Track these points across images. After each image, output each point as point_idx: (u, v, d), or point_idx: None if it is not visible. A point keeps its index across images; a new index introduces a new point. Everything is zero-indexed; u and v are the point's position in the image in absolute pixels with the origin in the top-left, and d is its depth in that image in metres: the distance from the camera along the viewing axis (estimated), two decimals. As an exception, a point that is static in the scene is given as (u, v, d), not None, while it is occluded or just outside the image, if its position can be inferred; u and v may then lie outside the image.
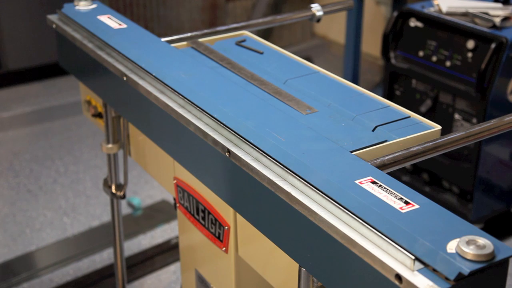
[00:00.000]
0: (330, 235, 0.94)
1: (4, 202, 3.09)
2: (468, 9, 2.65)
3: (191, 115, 1.25)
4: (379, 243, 0.88)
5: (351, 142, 1.16)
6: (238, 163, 1.12)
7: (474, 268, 0.81)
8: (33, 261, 2.73)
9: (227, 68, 1.50)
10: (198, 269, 1.54)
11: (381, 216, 0.90)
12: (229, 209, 1.30)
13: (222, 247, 1.37)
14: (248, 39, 1.67)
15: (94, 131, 3.69)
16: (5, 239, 2.83)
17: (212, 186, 1.25)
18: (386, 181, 0.99)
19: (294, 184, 1.02)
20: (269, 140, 1.10)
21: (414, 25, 2.79)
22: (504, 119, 1.26)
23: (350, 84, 1.41)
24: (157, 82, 1.36)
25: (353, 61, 3.57)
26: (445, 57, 2.68)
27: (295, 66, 1.51)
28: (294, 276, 1.12)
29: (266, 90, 1.38)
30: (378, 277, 0.87)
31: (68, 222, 2.91)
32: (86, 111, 1.92)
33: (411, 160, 1.13)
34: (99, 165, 3.39)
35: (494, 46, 2.46)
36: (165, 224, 2.94)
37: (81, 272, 2.65)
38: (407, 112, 1.29)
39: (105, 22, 1.64)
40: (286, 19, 1.81)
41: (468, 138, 1.21)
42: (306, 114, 1.27)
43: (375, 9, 4.34)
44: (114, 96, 1.60)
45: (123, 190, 1.89)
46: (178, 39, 1.64)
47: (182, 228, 1.57)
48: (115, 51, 1.51)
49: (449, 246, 0.84)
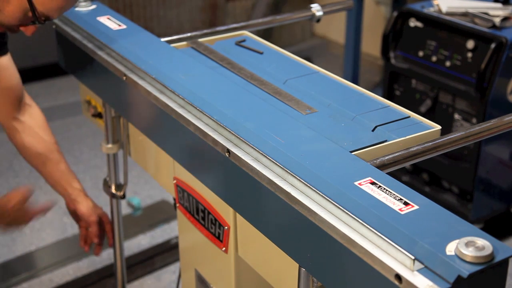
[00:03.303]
0: (330, 235, 0.94)
1: (4, 202, 3.08)
2: (468, 9, 2.65)
3: (191, 115, 1.25)
4: (379, 243, 0.88)
5: (351, 142, 1.16)
6: (238, 163, 1.12)
7: (473, 270, 0.81)
8: (32, 261, 2.73)
9: (227, 68, 1.50)
10: (198, 269, 1.54)
11: (381, 219, 0.90)
12: (229, 209, 1.30)
13: (222, 247, 1.37)
14: (248, 39, 1.67)
15: (94, 131, 3.69)
16: (5, 239, 2.83)
17: (212, 186, 1.25)
18: (385, 182, 0.99)
19: (294, 184, 1.02)
20: (268, 142, 1.10)
21: (414, 25, 2.79)
22: (504, 119, 1.26)
23: (350, 84, 1.41)
24: (157, 82, 1.37)
25: (353, 61, 3.57)
26: (445, 57, 2.68)
27: (295, 66, 1.51)
28: (294, 276, 1.12)
29: (266, 90, 1.38)
30: (378, 277, 0.87)
31: (68, 222, 2.91)
32: (86, 111, 1.92)
33: (411, 160, 1.13)
34: (99, 165, 3.39)
35: (494, 46, 2.46)
36: (165, 224, 2.94)
37: (81, 272, 2.64)
38: (407, 112, 1.29)
39: (105, 24, 1.64)
40: (286, 19, 1.81)
41: (468, 138, 1.21)
42: (306, 114, 1.27)
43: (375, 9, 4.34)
44: (114, 96, 1.60)
45: (123, 190, 1.89)
46: (178, 39, 1.64)
47: (182, 228, 1.57)
48: (115, 52, 1.51)
49: (448, 248, 0.84)
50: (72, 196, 1.79)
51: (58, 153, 1.79)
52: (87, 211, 1.78)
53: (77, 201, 1.78)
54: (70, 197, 1.79)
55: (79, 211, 1.79)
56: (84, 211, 1.78)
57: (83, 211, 1.78)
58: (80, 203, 1.78)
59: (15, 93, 1.71)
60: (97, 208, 1.82)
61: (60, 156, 1.79)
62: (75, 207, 1.79)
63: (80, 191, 1.79)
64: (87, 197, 1.80)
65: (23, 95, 1.75)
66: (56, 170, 1.78)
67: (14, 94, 1.71)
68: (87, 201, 1.79)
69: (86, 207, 1.78)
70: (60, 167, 1.78)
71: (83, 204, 1.78)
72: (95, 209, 1.81)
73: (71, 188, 1.79)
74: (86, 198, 1.80)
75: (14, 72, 1.69)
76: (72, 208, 1.80)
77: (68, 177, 1.79)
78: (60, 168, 1.78)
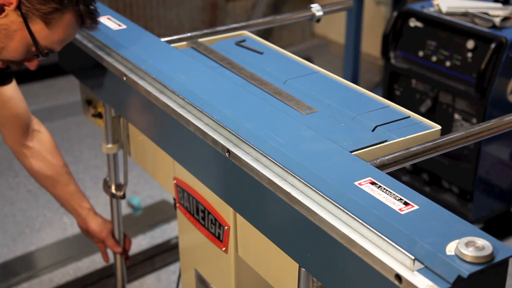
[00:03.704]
0: (330, 235, 0.94)
1: (4, 202, 3.09)
2: (468, 9, 2.65)
3: (191, 115, 1.25)
4: (379, 243, 0.88)
5: (351, 142, 1.16)
6: (238, 163, 1.12)
7: (473, 270, 0.81)
8: (32, 261, 2.73)
9: (227, 68, 1.50)
10: (198, 269, 1.54)
11: (381, 219, 0.90)
12: (229, 209, 1.30)
13: (222, 247, 1.37)
14: (248, 39, 1.67)
15: (94, 131, 3.69)
16: (5, 239, 2.83)
17: (212, 186, 1.25)
18: (385, 182, 0.99)
19: (294, 184, 1.02)
20: (268, 142, 1.10)
21: (414, 25, 2.79)
22: (504, 119, 1.26)
23: (350, 84, 1.41)
24: (157, 82, 1.36)
25: (353, 61, 3.57)
26: (445, 57, 2.68)
27: (295, 66, 1.51)
28: (294, 276, 1.12)
29: (266, 90, 1.38)
30: (378, 277, 0.87)
31: (68, 222, 2.92)
32: (86, 111, 1.92)
33: (411, 160, 1.13)
34: (99, 165, 3.39)
35: (494, 46, 2.46)
36: (165, 224, 2.94)
37: (81, 272, 2.65)
38: (407, 112, 1.29)
39: (105, 24, 1.64)
40: (286, 19, 1.81)
41: (468, 138, 1.21)
42: (306, 114, 1.27)
43: (375, 9, 4.34)
44: (114, 96, 1.60)
45: (123, 190, 1.89)
46: (178, 39, 1.64)
47: (182, 228, 1.57)
48: (115, 52, 1.51)
49: (448, 248, 0.84)
50: (82, 215, 1.88)
51: (67, 175, 1.86)
52: (97, 228, 1.88)
53: (88, 220, 1.88)
54: (80, 216, 1.89)
55: (90, 229, 1.89)
56: (94, 228, 1.88)
57: (94, 229, 1.88)
58: (90, 222, 1.88)
59: (22, 121, 1.77)
60: (107, 223, 1.91)
61: (69, 178, 1.86)
62: (87, 226, 1.89)
63: (89, 210, 1.88)
64: (96, 215, 1.90)
65: (30, 121, 1.80)
66: (66, 192, 1.86)
67: (22, 122, 1.77)
68: (97, 219, 1.89)
69: (96, 225, 1.88)
70: (69, 188, 1.86)
71: (93, 222, 1.88)
72: (105, 224, 1.90)
73: (81, 208, 1.87)
74: (95, 216, 1.89)
75: (20, 100, 1.74)
76: (84, 227, 1.91)
77: (77, 198, 1.88)
78: (70, 189, 1.87)
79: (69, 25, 1.35)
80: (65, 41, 1.40)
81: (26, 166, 1.83)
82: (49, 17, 1.31)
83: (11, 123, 1.75)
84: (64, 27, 1.35)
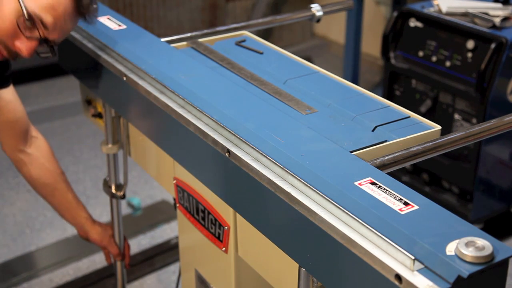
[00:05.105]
0: (330, 235, 0.94)
1: (4, 202, 3.09)
2: (468, 9, 2.65)
3: (191, 115, 1.25)
4: (379, 243, 0.88)
5: (351, 142, 1.16)
6: (238, 163, 1.12)
7: (473, 270, 0.81)
8: (33, 261, 2.73)
9: (227, 68, 1.50)
10: (198, 269, 1.54)
11: (381, 219, 0.90)
12: (229, 209, 1.30)
13: (222, 247, 1.37)
14: (248, 39, 1.67)
15: (94, 131, 3.69)
16: (5, 239, 2.83)
17: (212, 186, 1.25)
18: (385, 182, 0.99)
19: (294, 184, 1.02)
20: (268, 142, 1.10)
21: (414, 25, 2.79)
22: (504, 119, 1.26)
23: (350, 84, 1.41)
24: (157, 82, 1.36)
25: (353, 61, 3.57)
26: (445, 57, 2.68)
27: (295, 66, 1.51)
28: (294, 276, 1.12)
29: (266, 90, 1.38)
30: (378, 277, 0.87)
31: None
32: (86, 111, 1.92)
33: (411, 160, 1.13)
34: (99, 165, 3.39)
35: (494, 46, 2.46)
36: (165, 224, 2.94)
37: (81, 272, 2.64)
38: (407, 112, 1.29)
39: (105, 24, 1.64)
40: (286, 19, 1.81)
41: (468, 138, 1.21)
42: (306, 114, 1.27)
43: (375, 9, 4.34)
44: (114, 96, 1.60)
45: (123, 190, 1.89)
46: (178, 39, 1.64)
47: (182, 228, 1.57)
48: (115, 52, 1.51)
49: (448, 248, 0.84)
50: (80, 225, 1.87)
51: (64, 183, 1.84)
52: (98, 237, 1.88)
53: (87, 230, 1.87)
54: (79, 225, 1.88)
55: (90, 238, 1.89)
56: (95, 238, 1.88)
57: (94, 238, 1.88)
58: (90, 232, 1.87)
59: (20, 127, 1.73)
60: (106, 229, 1.90)
61: (67, 186, 1.85)
62: (87, 236, 1.88)
63: (87, 219, 1.87)
64: (95, 223, 1.89)
65: (28, 127, 1.76)
66: (64, 200, 1.85)
67: (19, 128, 1.73)
68: (95, 228, 1.88)
69: (96, 234, 1.88)
70: (67, 197, 1.85)
71: (92, 232, 1.87)
72: (105, 232, 1.90)
73: (79, 217, 1.86)
74: (94, 225, 1.88)
75: (18, 105, 1.70)
76: (84, 236, 1.90)
77: (75, 206, 1.86)
78: (68, 198, 1.85)
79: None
80: (54, 8, 1.34)
81: (24, 174, 1.79)
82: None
83: (9, 128, 1.71)
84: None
